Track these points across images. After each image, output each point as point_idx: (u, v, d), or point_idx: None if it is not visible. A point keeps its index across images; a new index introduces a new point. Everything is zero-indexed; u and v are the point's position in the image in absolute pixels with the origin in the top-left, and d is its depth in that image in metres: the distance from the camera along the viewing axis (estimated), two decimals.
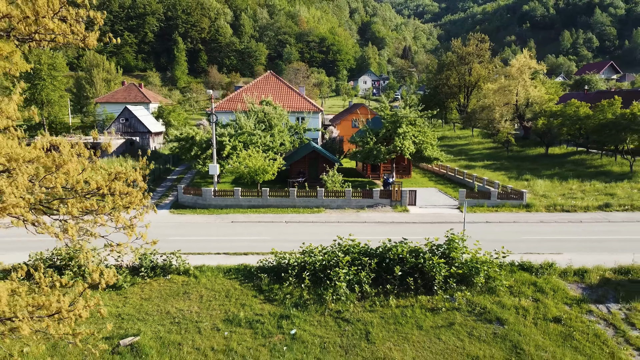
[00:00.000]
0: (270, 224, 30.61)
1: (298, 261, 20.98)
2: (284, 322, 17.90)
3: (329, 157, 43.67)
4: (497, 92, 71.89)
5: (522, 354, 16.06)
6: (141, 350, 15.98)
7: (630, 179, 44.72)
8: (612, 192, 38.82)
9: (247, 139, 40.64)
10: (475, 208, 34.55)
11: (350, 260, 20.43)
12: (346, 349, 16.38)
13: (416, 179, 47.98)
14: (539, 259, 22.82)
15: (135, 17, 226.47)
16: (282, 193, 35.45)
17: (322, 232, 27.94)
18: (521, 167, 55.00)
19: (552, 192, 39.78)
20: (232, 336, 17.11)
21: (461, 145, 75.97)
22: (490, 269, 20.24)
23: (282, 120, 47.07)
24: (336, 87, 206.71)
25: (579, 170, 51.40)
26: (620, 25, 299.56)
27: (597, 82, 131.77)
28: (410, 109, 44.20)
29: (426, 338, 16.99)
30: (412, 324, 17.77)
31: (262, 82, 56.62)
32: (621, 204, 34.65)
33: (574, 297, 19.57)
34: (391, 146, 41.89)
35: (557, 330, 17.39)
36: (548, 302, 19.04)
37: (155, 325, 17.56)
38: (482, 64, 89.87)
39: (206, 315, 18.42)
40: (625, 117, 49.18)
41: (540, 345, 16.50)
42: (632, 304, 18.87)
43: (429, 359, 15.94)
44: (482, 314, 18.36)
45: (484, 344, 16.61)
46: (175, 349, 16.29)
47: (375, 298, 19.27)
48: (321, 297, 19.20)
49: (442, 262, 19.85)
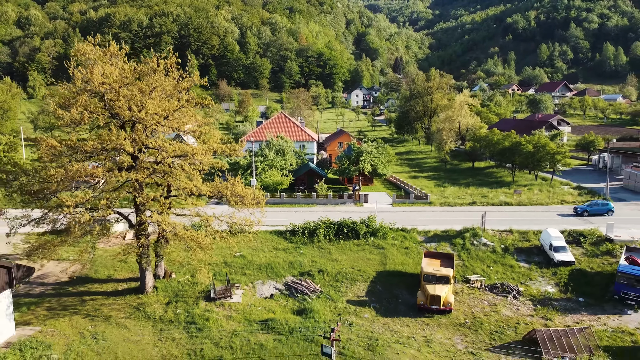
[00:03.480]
0: (286, 212, 57.40)
1: (302, 227, 47.84)
2: (297, 249, 44.82)
3: (319, 172, 70.65)
4: (445, 120, 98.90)
5: (388, 257, 42.96)
6: (244, 257, 42.82)
7: (510, 186, 71.62)
8: (487, 194, 65.68)
9: (270, 162, 67.63)
10: (401, 204, 61.49)
11: (325, 226, 47.31)
12: (320, 257, 43.33)
13: (376, 186, 74.87)
14: (414, 226, 49.67)
15: (152, 36, 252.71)
16: (292, 195, 62.42)
17: (313, 216, 54.58)
18: (450, 177, 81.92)
19: (455, 194, 66.55)
20: (276, 253, 44.00)
21: (419, 158, 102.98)
22: (385, 230, 47.13)
23: (291, 148, 74.05)
24: (332, 99, 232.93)
25: (485, 179, 78.44)
26: (594, 39, 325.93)
27: (547, 102, 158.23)
28: (370, 143, 71.16)
29: (352, 252, 43.95)
30: (348, 249, 44.72)
31: (275, 120, 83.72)
32: (482, 201, 61.54)
33: (418, 240, 46.53)
34: (357, 166, 68.82)
35: (404, 251, 44.30)
36: (405, 242, 45.96)
37: (246, 250, 44.40)
38: (441, 95, 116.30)
39: (264, 247, 45.28)
40: (514, 145, 76.09)
41: (396, 255, 43.44)
42: (440, 243, 45.82)
43: (353, 257, 42.90)
44: (376, 246, 45.30)
45: (373, 254, 43.55)
46: (257, 256, 43.16)
47: (334, 240, 46.23)
48: (312, 240, 46.09)
49: (363, 226, 46.79)
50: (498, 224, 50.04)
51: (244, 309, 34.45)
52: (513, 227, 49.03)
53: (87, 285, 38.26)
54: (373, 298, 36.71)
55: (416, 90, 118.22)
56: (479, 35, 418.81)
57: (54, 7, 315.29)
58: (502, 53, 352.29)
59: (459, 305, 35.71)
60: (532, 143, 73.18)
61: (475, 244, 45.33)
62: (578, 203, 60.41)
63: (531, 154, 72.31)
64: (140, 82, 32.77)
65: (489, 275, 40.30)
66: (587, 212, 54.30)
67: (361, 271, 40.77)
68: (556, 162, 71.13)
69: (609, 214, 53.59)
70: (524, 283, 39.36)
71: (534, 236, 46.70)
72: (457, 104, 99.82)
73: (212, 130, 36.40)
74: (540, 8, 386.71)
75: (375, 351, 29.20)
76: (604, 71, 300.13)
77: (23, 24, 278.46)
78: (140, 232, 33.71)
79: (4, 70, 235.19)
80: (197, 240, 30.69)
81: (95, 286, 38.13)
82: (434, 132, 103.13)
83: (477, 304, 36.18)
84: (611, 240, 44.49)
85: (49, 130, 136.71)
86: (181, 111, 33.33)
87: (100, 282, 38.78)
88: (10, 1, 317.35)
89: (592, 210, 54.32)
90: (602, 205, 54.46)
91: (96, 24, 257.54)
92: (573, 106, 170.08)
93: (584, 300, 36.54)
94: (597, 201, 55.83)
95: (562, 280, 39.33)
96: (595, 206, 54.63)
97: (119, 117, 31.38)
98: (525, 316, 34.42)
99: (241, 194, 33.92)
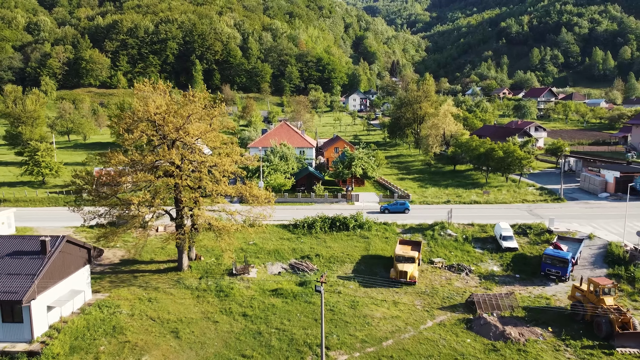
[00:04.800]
0: (289, 209, 68.26)
1: (302, 221, 58.77)
2: (298, 238, 55.79)
3: (317, 175, 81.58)
4: (431, 127, 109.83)
5: (371, 245, 53.91)
6: (256, 244, 53.81)
7: (483, 187, 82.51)
8: (461, 194, 76.55)
9: (275, 166, 78.54)
10: (386, 203, 72.32)
11: (321, 220, 58.25)
12: (317, 244, 54.28)
13: (367, 187, 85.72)
14: (395, 221, 60.54)
15: (158, 42, 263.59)
16: (293, 195, 73.33)
17: (312, 212, 65.28)
18: (433, 179, 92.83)
19: (434, 194, 77.37)
20: (282, 242, 54.97)
21: (408, 162, 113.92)
22: (370, 223, 58.07)
23: (292, 154, 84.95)
24: (330, 103, 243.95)
25: (463, 181, 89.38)
26: (584, 43, 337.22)
27: (530, 107, 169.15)
28: (362, 150, 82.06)
29: (343, 241, 54.91)
30: (339, 239, 55.69)
31: (279, 129, 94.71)
32: (456, 200, 72.44)
33: (397, 232, 57.49)
34: (350, 170, 79.69)
35: (385, 240, 55.24)
36: (386, 233, 56.87)
37: (257, 239, 55.28)
38: (429, 103, 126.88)
39: (272, 237, 56.22)
40: (488, 151, 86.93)
41: (377, 243, 54.41)
42: (414, 234, 56.76)
43: (343, 245, 53.85)
44: (363, 236, 56.25)
45: (360, 243, 54.51)
46: (267, 244, 54.08)
47: (329, 232, 57.19)
48: (310, 232, 57.05)
49: (352, 220, 57.76)
50: (464, 218, 60.95)
51: (258, 282, 45.39)
52: (475, 221, 59.92)
53: (135, 266, 49.20)
54: (357, 274, 47.62)
55: (407, 99, 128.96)
56: (474, 38, 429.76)
57: (61, 13, 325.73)
58: (496, 57, 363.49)
59: (423, 279, 46.65)
60: (504, 150, 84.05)
61: (442, 234, 56.26)
62: (538, 202, 71.45)
63: (502, 159, 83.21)
64: (181, 109, 43.65)
65: (449, 258, 51.25)
66: (389, 210, 65.87)
67: (349, 255, 51.72)
68: (523, 166, 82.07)
69: (406, 212, 65.17)
70: (476, 264, 50.30)
71: (490, 228, 57.61)
72: (441, 112, 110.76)
73: (235, 146, 47.11)
74: (533, 12, 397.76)
75: (356, 308, 40.16)
76: (593, 75, 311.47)
77: (32, 29, 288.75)
78: (180, 224, 44.64)
79: (17, 75, 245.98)
80: (226, 229, 41.60)
81: (142, 266, 49.07)
82: (422, 137, 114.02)
83: (436, 279, 47.11)
84: (551, 232, 55.42)
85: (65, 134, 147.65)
86: (211, 132, 44.25)
87: (145, 264, 49.72)
88: (19, 6, 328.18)
89: (392, 208, 65.91)
90: (400, 204, 66.23)
91: (104, 31, 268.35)
92: (557, 111, 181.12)
93: (519, 277, 47.51)
94: (397, 201, 67.74)
95: (505, 262, 50.31)
96: (394, 205, 66.30)
97: (167, 138, 42.27)
98: (471, 287, 45.35)
99: (256, 195, 44.87)
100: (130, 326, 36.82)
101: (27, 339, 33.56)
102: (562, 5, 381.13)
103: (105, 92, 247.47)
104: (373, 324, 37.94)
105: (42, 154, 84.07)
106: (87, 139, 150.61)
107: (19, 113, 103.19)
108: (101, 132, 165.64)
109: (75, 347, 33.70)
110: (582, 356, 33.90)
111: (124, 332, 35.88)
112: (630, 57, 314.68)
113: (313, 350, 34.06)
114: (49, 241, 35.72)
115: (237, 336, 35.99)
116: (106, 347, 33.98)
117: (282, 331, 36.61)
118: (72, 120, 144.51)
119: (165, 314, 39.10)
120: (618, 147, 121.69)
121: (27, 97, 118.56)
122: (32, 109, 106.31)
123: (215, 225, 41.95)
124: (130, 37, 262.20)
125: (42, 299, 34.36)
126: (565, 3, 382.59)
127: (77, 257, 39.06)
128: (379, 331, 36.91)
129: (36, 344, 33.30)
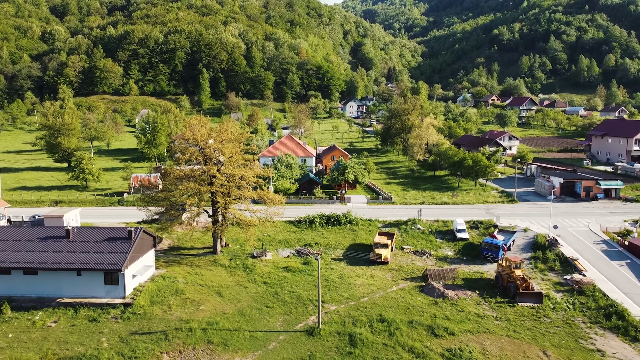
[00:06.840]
0: (294, 209, 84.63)
1: (304, 218, 75.33)
2: (301, 231, 72.40)
3: (317, 180, 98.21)
4: (416, 137, 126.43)
5: (357, 236, 70.49)
6: (270, 235, 70.43)
7: (455, 190, 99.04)
8: (435, 196, 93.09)
9: (281, 173, 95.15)
10: (373, 203, 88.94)
11: (319, 217, 74.84)
12: (316, 236, 70.88)
13: (358, 190, 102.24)
14: (377, 218, 77.04)
15: (167, 52, 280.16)
16: (297, 198, 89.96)
17: (312, 212, 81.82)
18: (415, 183, 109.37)
19: (413, 196, 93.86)
20: (289, 234, 71.59)
21: (396, 167, 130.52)
22: (358, 220, 74.63)
23: (296, 163, 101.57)
24: (329, 110, 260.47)
25: (440, 185, 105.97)
26: (571, 51, 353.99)
27: (511, 116, 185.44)
28: (354, 159, 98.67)
29: (336, 233, 71.52)
30: (333, 231, 72.30)
31: (284, 140, 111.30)
32: (430, 201, 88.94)
33: (378, 226, 74.08)
34: (344, 176, 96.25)
35: (369, 232, 71.81)
36: (370, 227, 73.47)
37: (270, 232, 71.88)
38: (415, 115, 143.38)
39: (281, 230, 72.79)
40: (461, 159, 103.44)
41: (362, 234, 71.05)
42: (391, 228, 73.36)
43: (336, 236, 70.46)
44: (351, 230, 72.86)
45: (349, 234, 71.12)
46: (278, 235, 70.68)
47: (325, 226, 73.80)
48: (311, 226, 73.65)
49: (344, 217, 74.39)
50: (433, 216, 77.54)
51: (273, 262, 61.92)
52: (441, 218, 76.49)
53: (180, 251, 65.78)
54: (346, 257, 64.15)
55: (396, 111, 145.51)
56: (468, 44, 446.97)
57: (72, 21, 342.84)
58: (487, 63, 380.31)
59: (394, 260, 63.20)
60: (472, 159, 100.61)
61: (412, 228, 72.85)
62: (496, 203, 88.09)
63: (471, 167, 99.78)
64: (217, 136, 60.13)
65: (416, 246, 67.84)
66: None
67: (340, 243, 68.27)
68: (487, 173, 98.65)
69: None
70: (436, 250, 66.88)
71: (451, 224, 74.16)
72: (424, 125, 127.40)
73: (255, 162, 63.48)
74: (524, 20, 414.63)
75: (344, 279, 56.76)
76: (579, 82, 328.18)
77: (47, 38, 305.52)
78: (216, 220, 61.24)
79: (36, 83, 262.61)
80: (251, 223, 58.18)
81: (185, 252, 65.66)
82: (409, 145, 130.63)
83: (404, 260, 63.69)
84: (496, 226, 72.00)
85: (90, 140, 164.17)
86: (239, 153, 60.86)
87: (187, 249, 66.31)
88: (32, 15, 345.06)
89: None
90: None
91: (116, 41, 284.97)
92: (536, 119, 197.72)
93: (465, 259, 64.11)
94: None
95: (458, 248, 66.91)
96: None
97: (210, 158, 58.85)
98: (429, 265, 61.90)
99: (272, 198, 61.43)
100: (187, 289, 53.35)
101: (121, 296, 50.07)
102: (552, 13, 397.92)
103: (119, 99, 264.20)
104: (355, 289, 54.54)
105: (86, 162, 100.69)
106: (109, 145, 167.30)
107: (59, 126, 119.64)
108: (121, 139, 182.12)
109: (153, 301, 50.21)
110: (493, 307, 50.49)
111: (184, 292, 52.43)
112: (614, 64, 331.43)
113: (313, 303, 50.61)
114: (132, 230, 52.26)
115: (261, 295, 52.58)
116: (174, 301, 50.54)
117: (292, 292, 53.17)
118: (95, 129, 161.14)
119: (209, 282, 55.63)
120: (581, 155, 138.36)
121: (65, 111, 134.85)
122: (69, 121, 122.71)
123: (243, 221, 58.52)
124: (141, 47, 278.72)
125: (130, 270, 50.87)
126: (555, 11, 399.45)
127: (148, 243, 55.58)
128: (359, 292, 53.52)
129: (128, 299, 49.79)
